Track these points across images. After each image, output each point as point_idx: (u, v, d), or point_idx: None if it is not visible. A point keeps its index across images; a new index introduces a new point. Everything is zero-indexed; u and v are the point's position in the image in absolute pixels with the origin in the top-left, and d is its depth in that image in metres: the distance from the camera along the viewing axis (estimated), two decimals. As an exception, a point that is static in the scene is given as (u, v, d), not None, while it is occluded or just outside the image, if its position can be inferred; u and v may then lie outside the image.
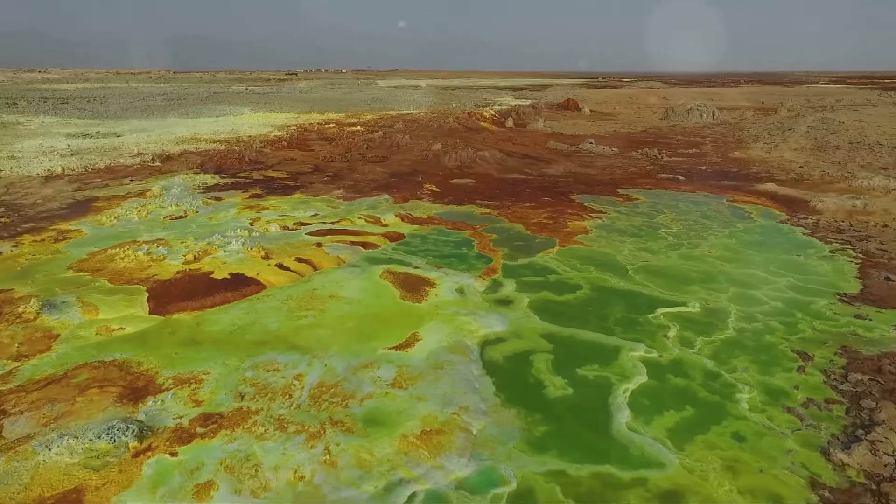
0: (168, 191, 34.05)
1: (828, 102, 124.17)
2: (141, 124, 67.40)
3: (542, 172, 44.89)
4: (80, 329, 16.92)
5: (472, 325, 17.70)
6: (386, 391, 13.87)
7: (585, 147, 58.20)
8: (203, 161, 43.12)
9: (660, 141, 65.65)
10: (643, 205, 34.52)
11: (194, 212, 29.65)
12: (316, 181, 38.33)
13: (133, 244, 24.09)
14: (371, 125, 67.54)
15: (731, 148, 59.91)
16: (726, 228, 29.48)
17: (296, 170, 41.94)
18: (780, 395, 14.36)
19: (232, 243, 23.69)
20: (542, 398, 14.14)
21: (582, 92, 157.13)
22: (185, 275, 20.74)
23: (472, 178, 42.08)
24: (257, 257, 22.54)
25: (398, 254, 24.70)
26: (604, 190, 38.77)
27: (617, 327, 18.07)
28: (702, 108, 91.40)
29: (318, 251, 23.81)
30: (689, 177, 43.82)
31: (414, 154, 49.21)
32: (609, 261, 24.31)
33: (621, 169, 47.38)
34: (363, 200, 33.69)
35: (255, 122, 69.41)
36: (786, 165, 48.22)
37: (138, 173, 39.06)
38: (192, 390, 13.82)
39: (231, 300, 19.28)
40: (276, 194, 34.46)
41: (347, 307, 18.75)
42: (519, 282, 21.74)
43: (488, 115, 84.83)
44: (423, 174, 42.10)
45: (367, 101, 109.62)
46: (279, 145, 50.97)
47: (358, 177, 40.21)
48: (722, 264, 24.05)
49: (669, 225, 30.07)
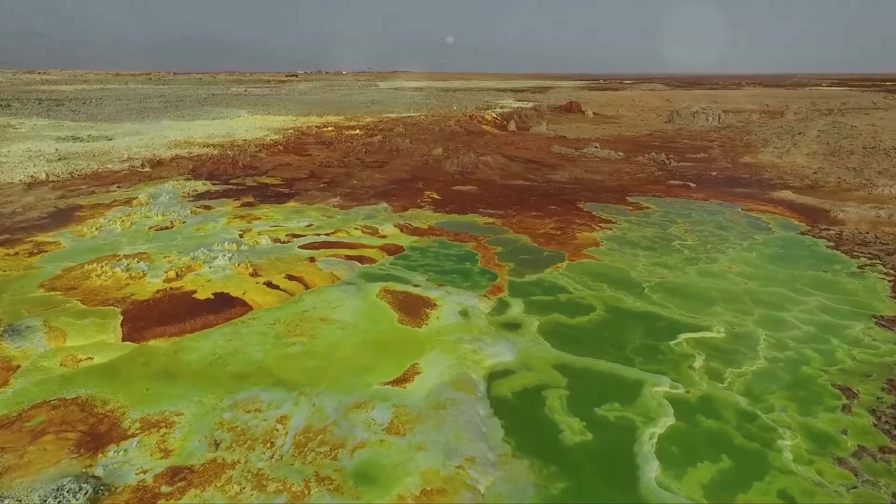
0: (155, 199, 32.43)
1: (833, 105, 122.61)
2: (135, 127, 65.82)
3: (547, 178, 43.27)
4: (44, 359, 15.28)
5: (478, 355, 16.06)
6: (381, 438, 12.22)
7: (590, 151, 56.58)
8: (195, 166, 41.50)
9: (666, 145, 64.03)
10: (655, 214, 32.88)
11: (181, 222, 28.01)
12: (312, 188, 36.70)
13: (112, 259, 22.45)
14: (370, 128, 65.93)
15: (741, 152, 58.27)
16: (744, 240, 27.83)
17: (291, 176, 40.31)
18: (827, 441, 12.71)
19: (218, 258, 22.06)
20: (558, 445, 12.49)
21: (584, 94, 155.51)
22: (164, 295, 19.10)
23: (474, 184, 40.46)
24: (245, 274, 20.90)
25: (397, 269, 23.07)
26: (612, 198, 37.14)
27: (637, 356, 16.42)
28: (707, 111, 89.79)
29: (310, 267, 22.17)
30: (699, 183, 42.19)
31: (414, 159, 47.59)
32: (623, 277, 22.67)
33: (629, 175, 45.75)
34: (360, 209, 32.06)
35: (251, 126, 67.81)
36: (799, 171, 46.57)
37: (126, 179, 37.44)
38: (161, 436, 12.18)
39: (213, 324, 17.64)
40: (269, 202, 32.82)
41: (340, 332, 17.10)
42: (527, 302, 20.10)
43: (490, 118, 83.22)
44: (423, 180, 40.49)
45: (367, 103, 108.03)
46: (275, 149, 49.36)
47: (356, 183, 38.58)
48: (744, 281, 22.39)
49: (684, 237, 28.43)
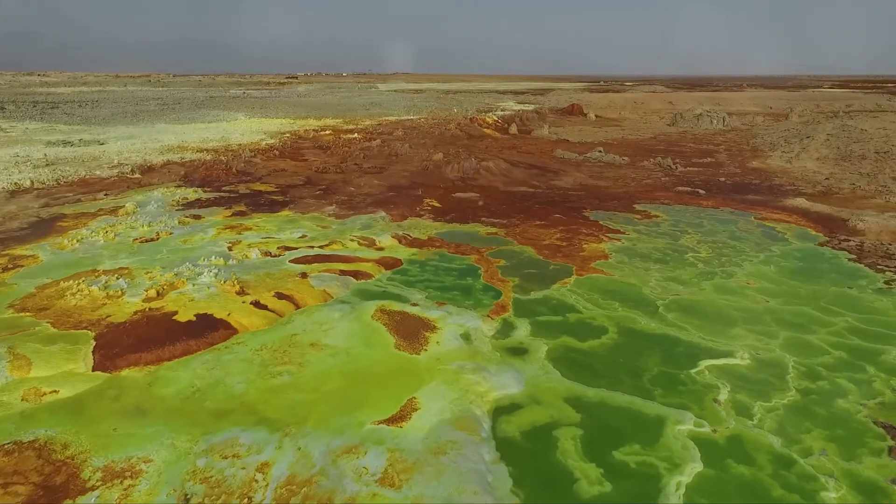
0: (143, 208, 31.05)
1: (838, 108, 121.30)
2: (129, 131, 64.48)
3: (551, 185, 41.88)
4: (4, 392, 13.88)
5: (482, 386, 14.65)
6: (374, 492, 10.80)
7: (594, 156, 55.21)
8: (187, 173, 40.13)
9: (671, 149, 62.64)
10: (664, 223, 31.48)
11: (168, 233, 26.62)
12: (307, 195, 35.31)
13: (91, 275, 21.06)
14: (369, 132, 64.58)
15: (748, 157, 56.90)
16: (761, 252, 26.41)
17: (286, 182, 38.94)
18: (876, 492, 11.31)
19: (203, 275, 20.66)
20: (574, 498, 11.08)
21: (585, 96, 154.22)
22: (143, 316, 17.71)
23: (475, 191, 39.08)
24: (231, 292, 19.51)
25: (394, 285, 21.66)
26: (619, 205, 35.74)
27: (655, 387, 15.00)
28: (712, 113, 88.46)
29: (301, 284, 20.77)
30: (708, 190, 40.78)
31: (413, 164, 46.22)
32: (635, 294, 21.26)
33: (635, 180, 44.36)
34: (357, 218, 30.66)
35: (247, 129, 66.46)
36: (810, 177, 45.18)
37: (115, 187, 36.07)
38: (125, 490, 10.77)
39: (194, 350, 16.24)
40: (261, 211, 31.43)
41: (331, 360, 15.69)
42: (534, 323, 18.69)
43: (491, 120, 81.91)
44: (423, 187, 39.11)
45: (366, 105, 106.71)
46: (270, 154, 47.99)
47: (353, 190, 37.20)
48: (765, 299, 20.99)
49: (697, 248, 27.02)
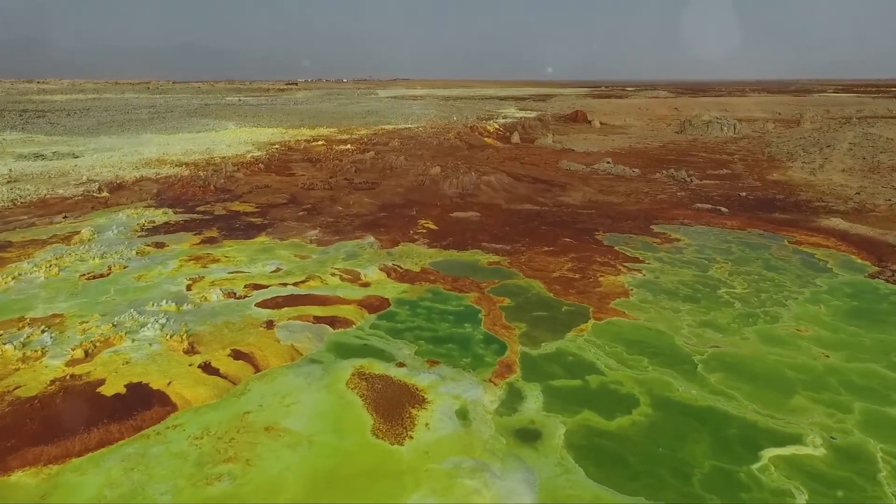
0: (101, 234, 27.63)
1: (848, 113, 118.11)
2: (111, 142, 61.25)
3: (558, 201, 38.42)
4: None
5: (482, 496, 11.13)
6: None
7: (603, 168, 51.78)
8: (160, 190, 36.76)
9: (683, 159, 59.20)
10: (688, 249, 27.98)
11: (121, 267, 23.14)
12: (289, 217, 31.88)
13: (14, 325, 17.59)
14: (363, 143, 61.23)
15: (766, 168, 53.42)
16: (804, 287, 22.88)
17: (268, 201, 35.53)
18: None
19: (148, 326, 17.20)
20: None
21: (588, 102, 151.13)
22: (60, 388, 14.22)
23: (475, 209, 35.64)
24: (177, 351, 16.04)
25: (378, 336, 18.17)
26: (634, 226, 32.25)
27: (710, 493, 11.47)
28: (721, 120, 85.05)
29: (265, 337, 17.28)
30: (730, 207, 37.29)
31: (409, 179, 42.82)
32: (666, 346, 17.75)
33: (648, 196, 40.90)
34: (342, 245, 27.21)
35: (235, 139, 63.18)
36: (838, 191, 41.69)
37: (77, 208, 32.69)
38: None
39: (116, 438, 12.74)
40: (235, 237, 27.99)
41: (289, 455, 12.19)
42: (547, 389, 15.18)
43: (492, 129, 78.61)
44: (418, 206, 35.68)
45: (363, 113, 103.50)
46: (254, 168, 44.62)
47: (340, 210, 33.76)
48: (823, 353, 17.45)
49: (730, 281, 23.51)
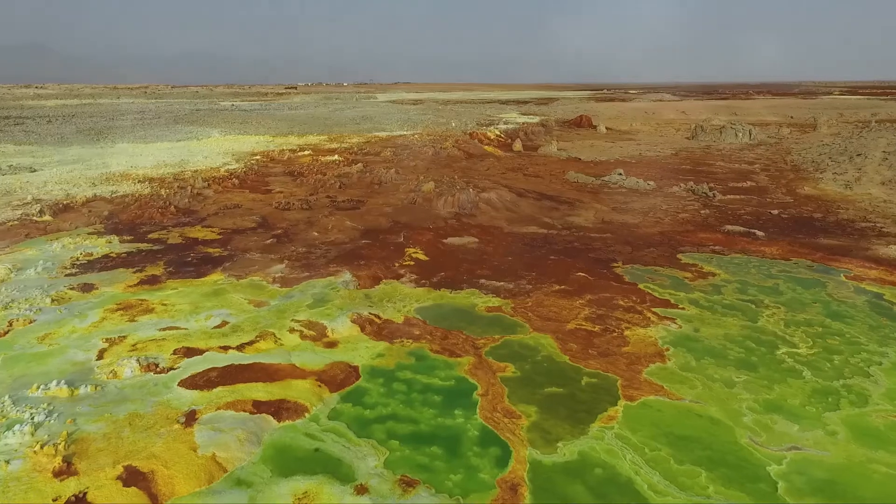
0: (21, 272, 22.96)
1: (863, 117, 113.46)
2: (80, 152, 56.71)
3: (568, 222, 33.70)
4: None
5: None
6: None
7: (614, 180, 47.11)
8: (112, 213, 32.12)
9: (700, 169, 54.52)
10: (727, 287, 23.22)
11: (27, 321, 18.44)
12: (254, 247, 27.19)
13: None
14: (352, 153, 56.56)
15: (794, 180, 48.70)
16: (886, 346, 18.08)
17: (234, 225, 30.87)
18: None
19: (17, 427, 12.51)
20: None
21: (592, 106, 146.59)
22: None
23: (473, 233, 30.96)
24: (46, 472, 11.34)
25: (336, 434, 13.45)
26: (658, 255, 27.53)
27: None
28: (736, 126, 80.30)
29: (179, 441, 12.57)
30: (765, 229, 32.54)
31: (398, 196, 38.14)
32: (727, 446, 13.01)
33: (668, 215, 36.19)
34: (311, 285, 22.53)
35: (216, 149, 58.59)
36: (882, 209, 36.96)
37: (8, 235, 28.05)
38: None
39: None
40: (182, 276, 23.30)
41: None
42: (569, 536, 10.47)
43: (493, 136, 74.00)
44: (407, 229, 31.01)
45: (357, 119, 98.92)
46: (227, 184, 40.01)
47: (316, 236, 29.07)
48: (947, 461, 12.70)
49: (788, 335, 18.76)
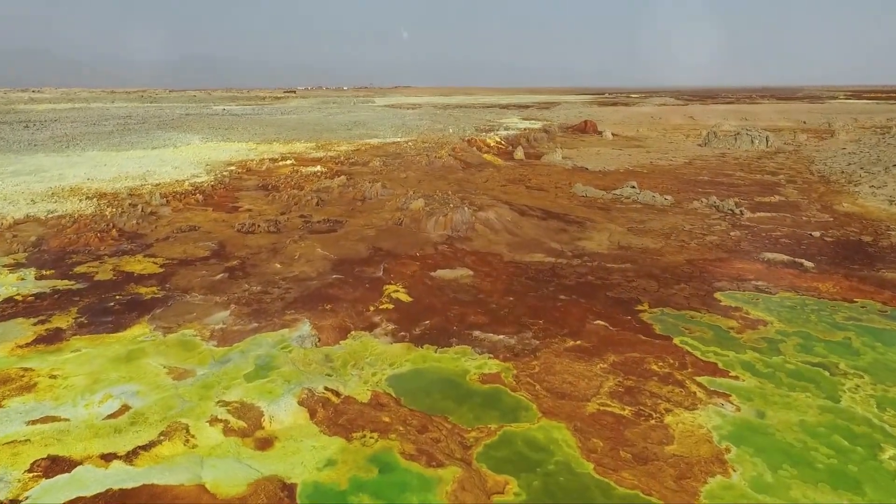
0: None
1: (879, 122, 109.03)
2: (41, 161, 51.98)
3: (579, 248, 28.84)
4: None
5: None
6: None
7: (627, 194, 42.27)
8: (41, 237, 27.31)
9: (718, 180, 49.64)
10: (786, 343, 18.33)
11: None
12: (198, 285, 22.33)
13: None
14: (338, 162, 51.75)
15: (824, 193, 43.83)
16: None
17: (183, 254, 26.03)
18: None
19: None
20: None
21: (596, 111, 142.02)
22: None
23: (468, 263, 26.11)
24: None
25: None
26: (691, 294, 22.64)
27: None
28: (751, 132, 75.55)
29: None
30: (810, 257, 27.61)
31: (383, 216, 33.28)
32: None
33: (694, 238, 31.32)
34: (256, 343, 17.65)
35: (189, 159, 53.82)
36: (939, 229, 32.08)
37: None
38: None
39: None
40: (94, 328, 18.40)
41: None
42: None
43: (493, 143, 69.23)
44: (389, 258, 26.17)
45: (349, 125, 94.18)
46: (189, 200, 35.17)
47: (277, 269, 24.23)
48: None
49: (886, 422, 13.90)
